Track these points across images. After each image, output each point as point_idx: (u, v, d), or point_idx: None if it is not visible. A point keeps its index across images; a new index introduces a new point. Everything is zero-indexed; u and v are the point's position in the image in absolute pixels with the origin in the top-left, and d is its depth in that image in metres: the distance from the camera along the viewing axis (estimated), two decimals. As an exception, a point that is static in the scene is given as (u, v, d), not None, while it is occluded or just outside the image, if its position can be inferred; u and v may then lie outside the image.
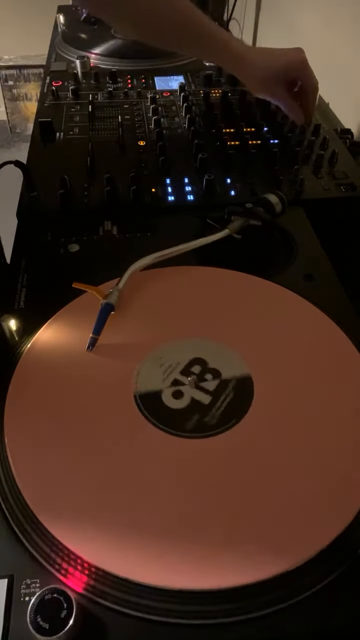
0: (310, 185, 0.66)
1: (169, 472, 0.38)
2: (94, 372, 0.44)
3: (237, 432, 0.40)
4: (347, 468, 0.38)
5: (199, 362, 0.45)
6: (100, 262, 0.55)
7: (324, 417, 0.41)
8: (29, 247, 0.58)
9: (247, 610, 0.32)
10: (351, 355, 0.45)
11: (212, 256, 0.55)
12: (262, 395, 0.42)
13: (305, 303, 0.50)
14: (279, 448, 0.39)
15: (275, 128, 0.76)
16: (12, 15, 2.15)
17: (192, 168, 0.69)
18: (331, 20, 0.92)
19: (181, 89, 0.85)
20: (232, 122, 0.77)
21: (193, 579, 0.32)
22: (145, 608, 0.32)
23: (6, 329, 0.48)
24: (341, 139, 0.75)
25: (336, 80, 0.91)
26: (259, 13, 1.28)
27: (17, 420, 0.40)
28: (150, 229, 0.60)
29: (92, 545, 0.34)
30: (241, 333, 0.47)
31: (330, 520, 0.35)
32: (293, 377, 0.44)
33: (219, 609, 0.32)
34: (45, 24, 1.43)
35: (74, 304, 0.50)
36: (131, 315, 0.49)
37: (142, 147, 0.73)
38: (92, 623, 0.31)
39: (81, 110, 0.81)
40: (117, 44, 1.09)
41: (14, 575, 0.33)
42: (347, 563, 0.33)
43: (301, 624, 0.31)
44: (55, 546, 0.34)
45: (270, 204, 0.57)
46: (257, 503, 0.36)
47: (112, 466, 0.38)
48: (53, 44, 1.13)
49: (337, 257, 0.57)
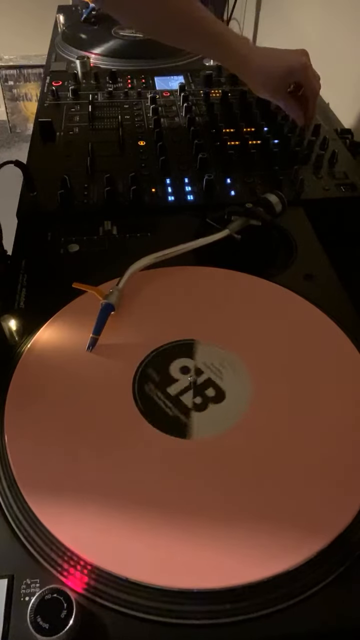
0: (310, 185, 0.66)
1: (169, 472, 0.38)
2: (94, 372, 0.44)
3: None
4: (347, 468, 0.38)
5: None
6: (100, 262, 0.55)
7: (324, 417, 0.41)
8: (29, 247, 0.58)
9: (247, 611, 0.32)
10: (351, 355, 0.45)
11: (212, 256, 0.55)
12: (262, 395, 0.42)
13: (305, 303, 0.50)
14: (279, 448, 0.39)
15: (275, 128, 0.76)
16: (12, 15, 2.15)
17: (192, 168, 0.69)
18: (331, 20, 0.92)
19: (181, 89, 0.85)
20: (232, 122, 0.77)
21: (193, 579, 0.32)
22: (145, 608, 0.32)
23: (6, 329, 0.48)
24: (341, 139, 0.75)
25: (336, 80, 0.91)
26: (259, 13, 1.28)
27: (17, 419, 0.40)
28: (150, 229, 0.60)
29: (92, 545, 0.34)
30: (241, 333, 0.47)
31: (330, 520, 0.35)
32: (293, 377, 0.44)
33: (218, 609, 0.32)
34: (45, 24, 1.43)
35: (74, 304, 0.50)
36: (131, 315, 0.49)
37: (142, 147, 0.73)
38: (92, 623, 0.31)
39: (81, 110, 0.81)
40: (117, 44, 1.09)
41: (14, 575, 0.33)
42: (347, 563, 0.33)
43: (301, 624, 0.31)
44: (55, 546, 0.34)
45: (270, 204, 0.57)
46: (257, 503, 0.36)
47: (112, 466, 0.38)
48: (53, 44, 1.13)
49: (337, 257, 0.57)
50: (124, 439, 0.40)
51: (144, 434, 0.40)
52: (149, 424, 0.40)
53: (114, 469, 0.38)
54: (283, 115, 0.78)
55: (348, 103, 0.88)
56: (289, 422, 0.41)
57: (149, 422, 0.40)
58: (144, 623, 0.31)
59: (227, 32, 0.67)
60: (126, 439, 0.40)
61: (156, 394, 0.42)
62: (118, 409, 0.41)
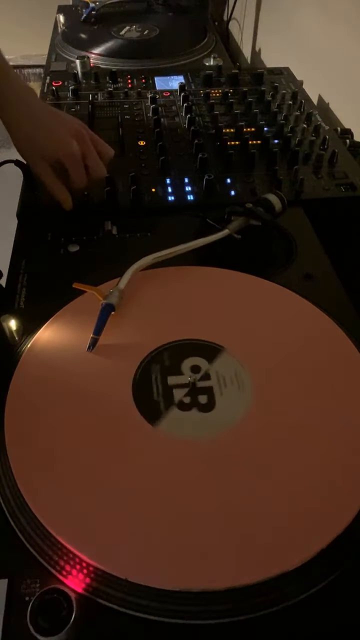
0: (310, 185, 0.66)
1: (168, 473, 0.38)
2: (95, 372, 0.44)
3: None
4: (347, 468, 0.38)
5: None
6: (100, 262, 0.55)
7: (324, 417, 0.41)
8: (29, 247, 0.58)
9: (247, 611, 0.32)
10: (351, 355, 0.45)
11: (212, 256, 0.55)
12: (262, 395, 0.42)
13: (305, 303, 0.50)
14: (279, 448, 0.39)
15: (275, 128, 0.76)
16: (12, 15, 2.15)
17: (192, 168, 0.69)
18: (331, 20, 0.92)
19: (181, 89, 0.85)
20: (232, 122, 0.77)
21: (193, 580, 0.32)
22: (145, 608, 0.32)
23: (6, 329, 0.48)
24: (341, 139, 0.75)
25: (336, 80, 0.91)
26: (259, 13, 1.28)
27: (17, 419, 0.40)
28: (150, 229, 0.60)
29: (92, 545, 0.34)
30: (241, 333, 0.47)
31: (330, 521, 0.35)
32: (293, 377, 0.44)
33: (218, 609, 0.32)
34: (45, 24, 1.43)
35: (74, 304, 0.50)
36: (132, 315, 0.49)
37: (142, 147, 0.72)
38: (92, 623, 0.31)
39: (81, 110, 0.81)
40: (117, 44, 1.09)
41: (14, 575, 0.33)
42: (347, 563, 0.33)
43: (301, 625, 0.31)
44: (55, 546, 0.34)
45: (270, 204, 0.57)
46: (256, 503, 0.36)
47: (112, 466, 0.38)
48: (53, 43, 1.13)
49: (337, 257, 0.57)
50: (124, 438, 0.40)
51: (144, 434, 0.40)
52: (149, 424, 0.40)
53: (114, 468, 0.38)
54: (283, 115, 0.78)
55: (348, 103, 0.88)
56: (288, 422, 0.41)
57: (149, 422, 0.40)
58: (144, 623, 0.31)
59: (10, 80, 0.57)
60: (126, 439, 0.40)
61: (157, 375, 0.43)
62: (118, 410, 0.41)
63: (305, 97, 0.84)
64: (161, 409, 0.41)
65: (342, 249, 0.61)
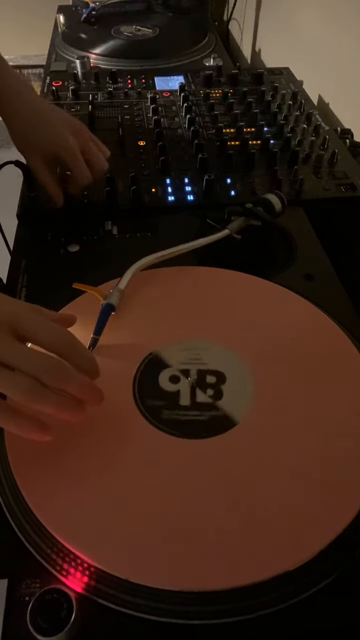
0: (310, 185, 0.66)
1: (169, 473, 0.38)
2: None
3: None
4: (346, 468, 0.38)
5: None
6: (100, 262, 0.55)
7: (324, 417, 0.41)
8: (29, 247, 0.58)
9: (247, 611, 0.32)
10: (351, 355, 0.45)
11: (212, 256, 0.55)
12: (262, 396, 0.42)
13: (305, 303, 0.50)
14: (279, 448, 0.39)
15: (275, 128, 0.76)
16: (12, 15, 2.15)
17: (192, 168, 0.69)
18: (331, 20, 0.92)
19: (181, 89, 0.85)
20: (232, 122, 0.77)
21: (192, 580, 0.32)
22: (145, 608, 0.32)
23: (6, 329, 0.48)
24: (341, 139, 0.75)
25: (336, 80, 0.91)
26: (259, 13, 1.28)
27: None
28: (150, 229, 0.60)
29: (92, 545, 0.34)
30: (241, 333, 0.47)
31: (330, 521, 0.35)
32: (293, 377, 0.44)
33: (217, 609, 0.32)
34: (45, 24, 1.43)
35: (74, 304, 0.49)
36: (132, 315, 0.49)
37: (142, 147, 0.72)
38: (92, 623, 0.31)
39: (81, 110, 0.81)
40: (117, 44, 1.09)
41: (14, 575, 0.33)
42: (347, 563, 0.33)
43: (301, 625, 0.31)
44: (55, 546, 0.34)
45: (270, 204, 0.57)
46: (256, 503, 0.36)
47: (112, 466, 0.38)
48: (53, 44, 1.13)
49: (337, 257, 0.57)
50: (124, 439, 0.40)
51: (144, 435, 0.40)
52: (149, 424, 0.40)
53: (114, 468, 0.38)
54: (284, 115, 0.78)
55: (348, 103, 0.88)
56: (288, 421, 0.41)
57: (149, 422, 0.40)
58: (144, 623, 0.31)
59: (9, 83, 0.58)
60: (126, 439, 0.40)
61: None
62: (118, 410, 0.41)
63: (305, 97, 0.84)
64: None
65: (342, 249, 0.61)
